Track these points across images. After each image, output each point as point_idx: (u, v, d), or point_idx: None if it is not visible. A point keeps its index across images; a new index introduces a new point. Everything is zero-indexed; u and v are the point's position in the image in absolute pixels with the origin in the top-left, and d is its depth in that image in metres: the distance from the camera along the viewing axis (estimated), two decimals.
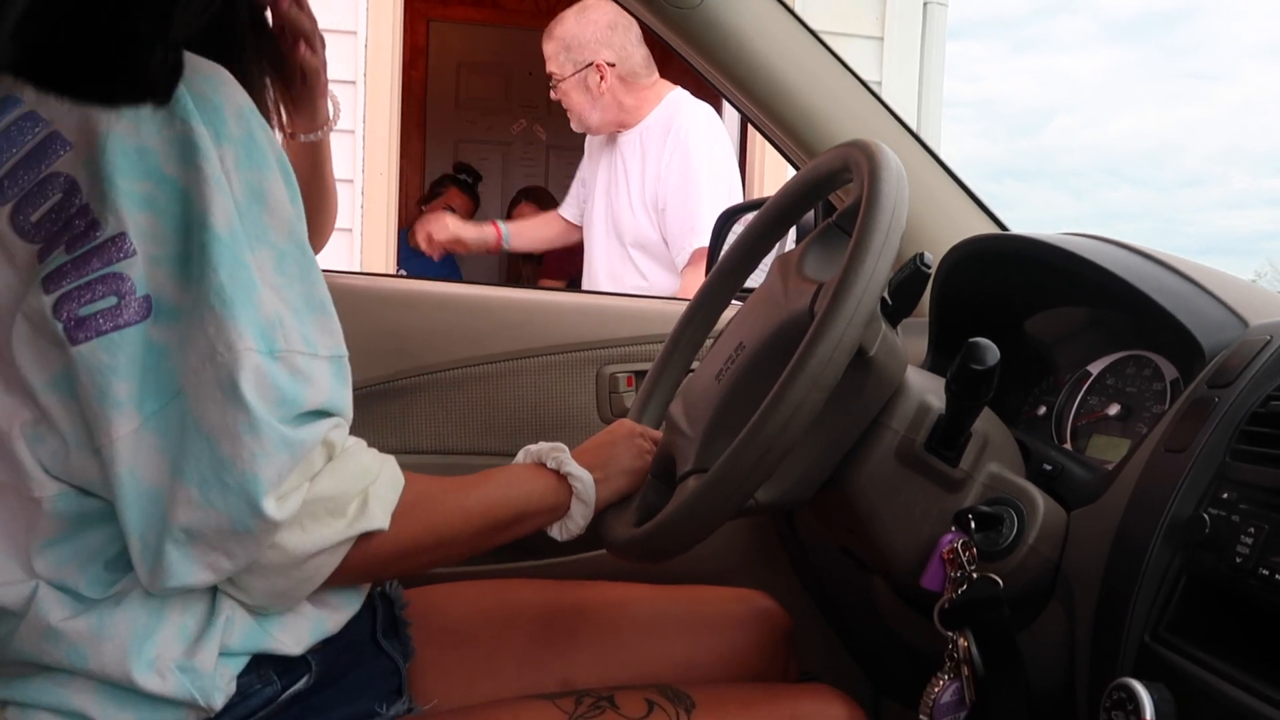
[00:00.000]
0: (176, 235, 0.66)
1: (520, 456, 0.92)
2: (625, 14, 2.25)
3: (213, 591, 0.73)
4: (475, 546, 0.84)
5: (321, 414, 0.71)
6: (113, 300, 0.65)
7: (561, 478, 0.89)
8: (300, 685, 0.78)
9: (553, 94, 2.37)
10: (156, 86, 0.62)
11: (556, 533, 0.89)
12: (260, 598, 0.73)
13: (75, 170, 0.67)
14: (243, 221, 0.67)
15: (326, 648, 0.80)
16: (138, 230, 0.66)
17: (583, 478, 0.88)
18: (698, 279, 2.10)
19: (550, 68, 2.32)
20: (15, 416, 0.68)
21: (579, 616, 1.01)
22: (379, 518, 0.74)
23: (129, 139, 0.66)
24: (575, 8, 2.33)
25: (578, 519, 0.89)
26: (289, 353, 0.68)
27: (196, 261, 0.65)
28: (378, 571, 0.80)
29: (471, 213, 4.36)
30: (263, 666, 0.76)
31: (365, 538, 0.74)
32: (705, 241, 2.08)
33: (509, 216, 4.42)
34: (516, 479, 0.88)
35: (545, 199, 4.54)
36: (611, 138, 2.39)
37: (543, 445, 0.91)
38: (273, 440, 0.66)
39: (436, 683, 0.94)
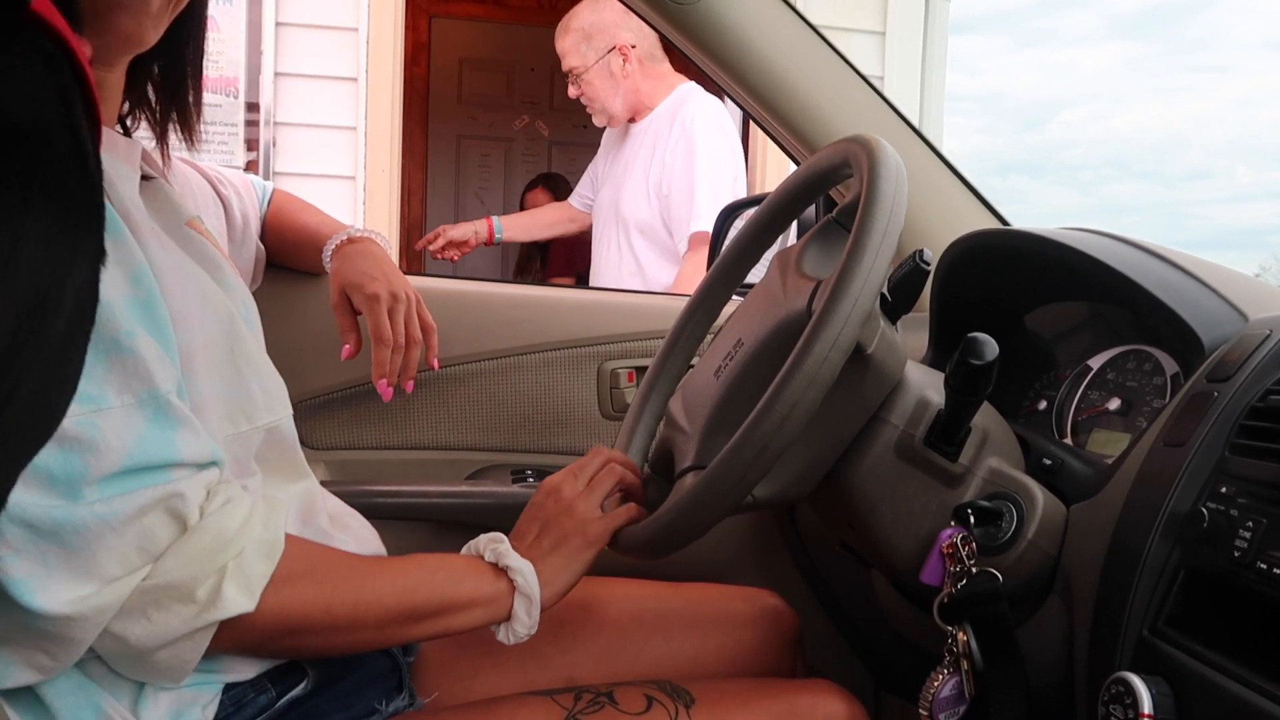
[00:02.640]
0: None
1: (464, 551, 0.84)
2: None
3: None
4: (388, 635, 0.75)
5: (136, 475, 0.61)
6: None
7: (500, 571, 0.80)
8: (298, 691, 0.77)
9: (571, 90, 2.38)
10: None
11: (503, 636, 0.81)
12: (139, 678, 0.67)
13: None
14: None
15: None
16: None
17: (523, 570, 0.79)
18: (698, 263, 2.12)
19: (570, 62, 2.34)
20: None
21: (585, 613, 1.01)
22: (237, 601, 0.65)
23: None
24: (586, 1, 2.37)
25: (522, 617, 0.80)
26: None
27: None
28: (261, 648, 0.71)
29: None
30: (257, 676, 0.75)
31: (234, 618, 0.66)
32: (706, 226, 2.11)
33: (522, 202, 4.46)
34: (445, 564, 0.79)
35: (560, 185, 4.56)
36: (625, 130, 2.43)
37: (481, 538, 0.83)
38: (22, 536, 0.57)
39: (440, 676, 0.94)
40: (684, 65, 1.42)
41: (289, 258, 1.20)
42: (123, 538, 0.60)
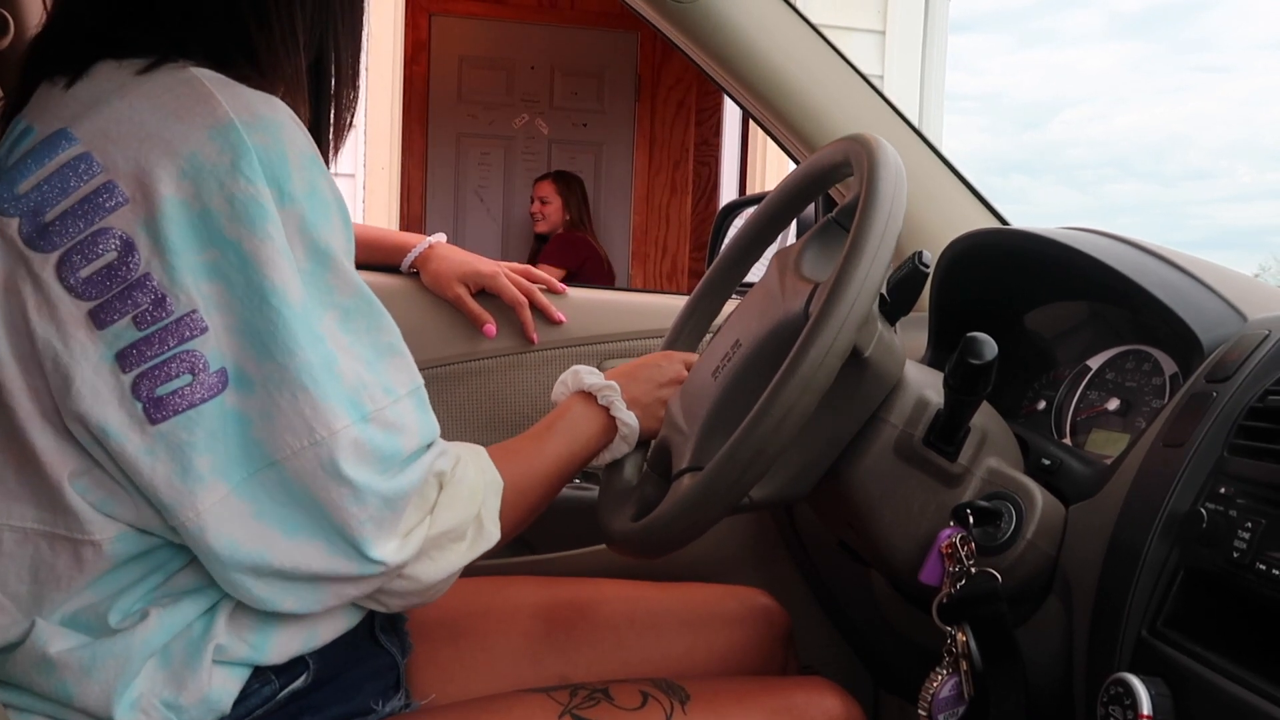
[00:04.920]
0: (245, 302, 0.65)
1: (569, 377, 0.94)
2: None
3: (205, 625, 0.72)
4: (550, 501, 0.89)
5: (420, 451, 0.72)
6: (188, 378, 0.65)
7: (610, 417, 0.93)
8: (298, 684, 0.78)
9: None
10: None
11: (598, 458, 0.94)
12: (394, 608, 0.78)
13: (132, 230, 0.65)
14: (308, 289, 0.67)
15: (325, 647, 0.80)
16: (207, 303, 0.65)
17: (630, 424, 0.93)
18: None
19: None
20: (65, 466, 0.68)
21: (577, 614, 1.01)
22: (494, 533, 0.78)
23: (192, 205, 0.64)
24: None
25: (616, 455, 0.95)
26: (378, 411, 0.69)
27: (273, 336, 0.65)
28: (489, 557, 0.83)
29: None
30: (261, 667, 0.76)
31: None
32: None
33: (532, 196, 4.52)
34: (575, 427, 0.91)
35: (568, 180, 4.58)
36: None
37: (596, 378, 0.93)
38: (375, 503, 0.68)
39: (434, 678, 0.94)
40: (683, 67, 1.42)
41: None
42: (414, 500, 0.72)
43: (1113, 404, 0.93)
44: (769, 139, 1.32)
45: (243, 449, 0.66)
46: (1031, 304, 1.04)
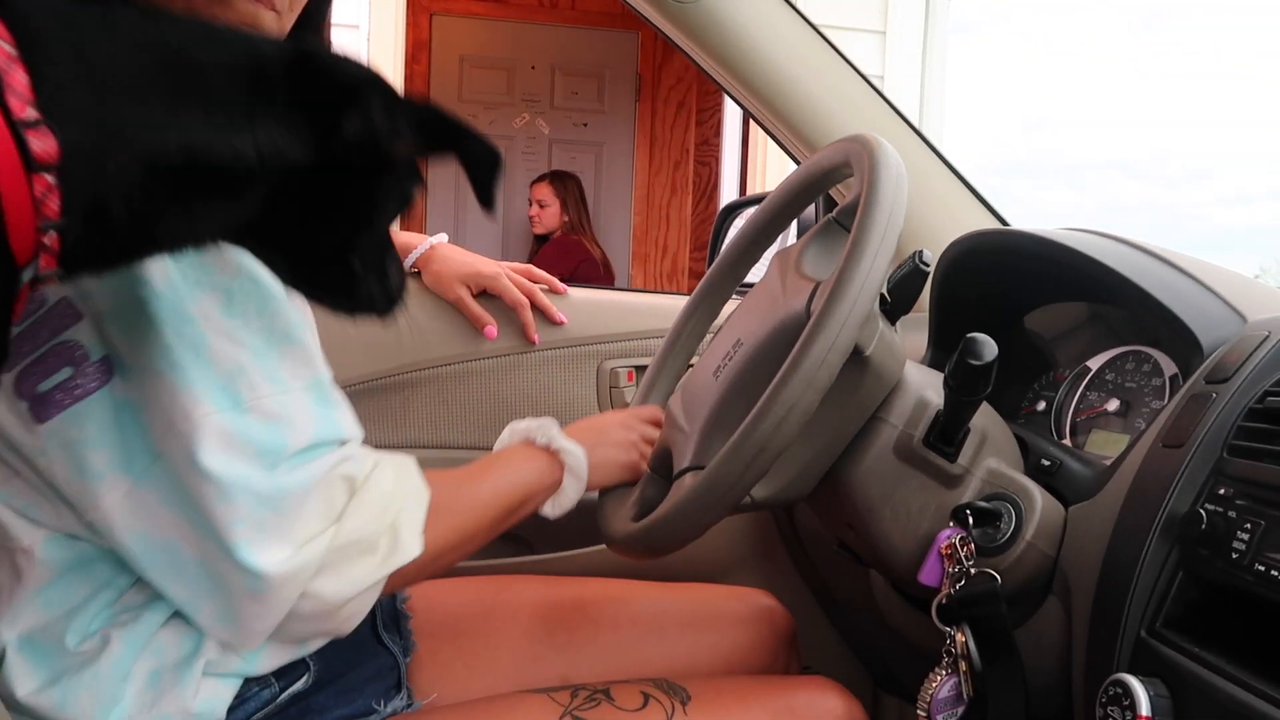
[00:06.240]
0: (112, 283, 0.61)
1: (506, 435, 0.91)
2: None
3: (193, 645, 0.71)
4: (490, 536, 0.83)
5: (316, 449, 0.68)
6: (68, 371, 0.62)
7: (553, 454, 0.88)
8: (299, 686, 0.78)
9: None
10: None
11: (549, 509, 0.89)
12: (306, 637, 0.73)
13: None
14: (179, 269, 0.63)
15: (326, 647, 0.80)
16: (76, 291, 0.62)
17: (574, 451, 0.88)
18: None
19: None
20: None
21: (579, 613, 1.01)
22: (412, 547, 0.72)
23: None
24: None
25: (570, 494, 0.89)
26: (256, 400, 0.64)
27: (138, 317, 0.61)
28: (411, 583, 0.79)
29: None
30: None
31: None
32: None
33: (529, 198, 4.50)
34: (515, 462, 0.87)
35: (565, 180, 4.58)
36: None
37: (530, 422, 0.90)
38: (248, 502, 0.63)
39: (435, 677, 0.94)
40: (683, 66, 1.42)
41: None
42: (312, 504, 0.66)
43: (1112, 405, 0.93)
44: (769, 139, 1.32)
45: (141, 439, 0.63)
46: (1031, 305, 1.04)
